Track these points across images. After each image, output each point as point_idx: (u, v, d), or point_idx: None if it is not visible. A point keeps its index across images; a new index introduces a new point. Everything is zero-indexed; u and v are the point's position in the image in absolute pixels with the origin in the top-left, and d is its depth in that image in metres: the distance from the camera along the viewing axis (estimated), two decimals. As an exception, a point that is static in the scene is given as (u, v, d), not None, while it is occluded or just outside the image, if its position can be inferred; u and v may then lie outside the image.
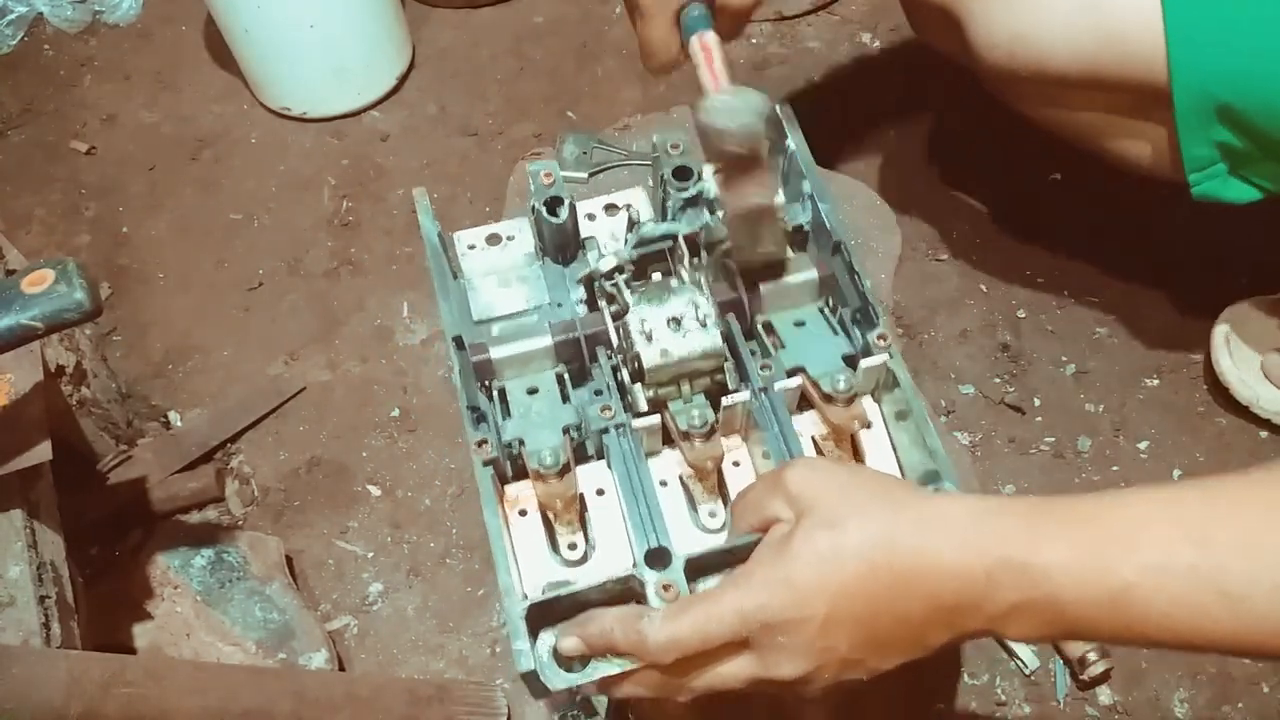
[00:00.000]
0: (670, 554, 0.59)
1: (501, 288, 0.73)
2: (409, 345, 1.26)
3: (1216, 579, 0.47)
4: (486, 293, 0.73)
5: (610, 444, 0.64)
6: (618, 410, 0.65)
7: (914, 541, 0.51)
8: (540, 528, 0.64)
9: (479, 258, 0.75)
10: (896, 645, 0.53)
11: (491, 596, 1.08)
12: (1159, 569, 0.48)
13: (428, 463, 1.17)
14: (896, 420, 0.67)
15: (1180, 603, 0.48)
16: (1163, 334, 1.17)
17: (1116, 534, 0.50)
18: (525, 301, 0.73)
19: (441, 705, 0.94)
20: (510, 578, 0.59)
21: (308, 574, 1.11)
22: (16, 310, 0.71)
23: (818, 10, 1.51)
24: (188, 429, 1.20)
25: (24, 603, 0.81)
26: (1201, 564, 0.48)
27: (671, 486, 0.67)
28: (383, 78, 1.47)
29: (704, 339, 0.65)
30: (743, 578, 0.54)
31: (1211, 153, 0.85)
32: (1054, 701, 0.98)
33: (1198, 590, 0.48)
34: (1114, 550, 0.49)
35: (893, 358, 0.66)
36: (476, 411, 0.65)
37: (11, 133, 1.50)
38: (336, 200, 1.39)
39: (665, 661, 0.55)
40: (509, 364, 0.69)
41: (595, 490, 0.65)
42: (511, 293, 0.73)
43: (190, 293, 1.33)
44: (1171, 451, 1.10)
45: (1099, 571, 0.49)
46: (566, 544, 0.63)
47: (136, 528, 1.11)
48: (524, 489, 0.65)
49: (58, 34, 1.61)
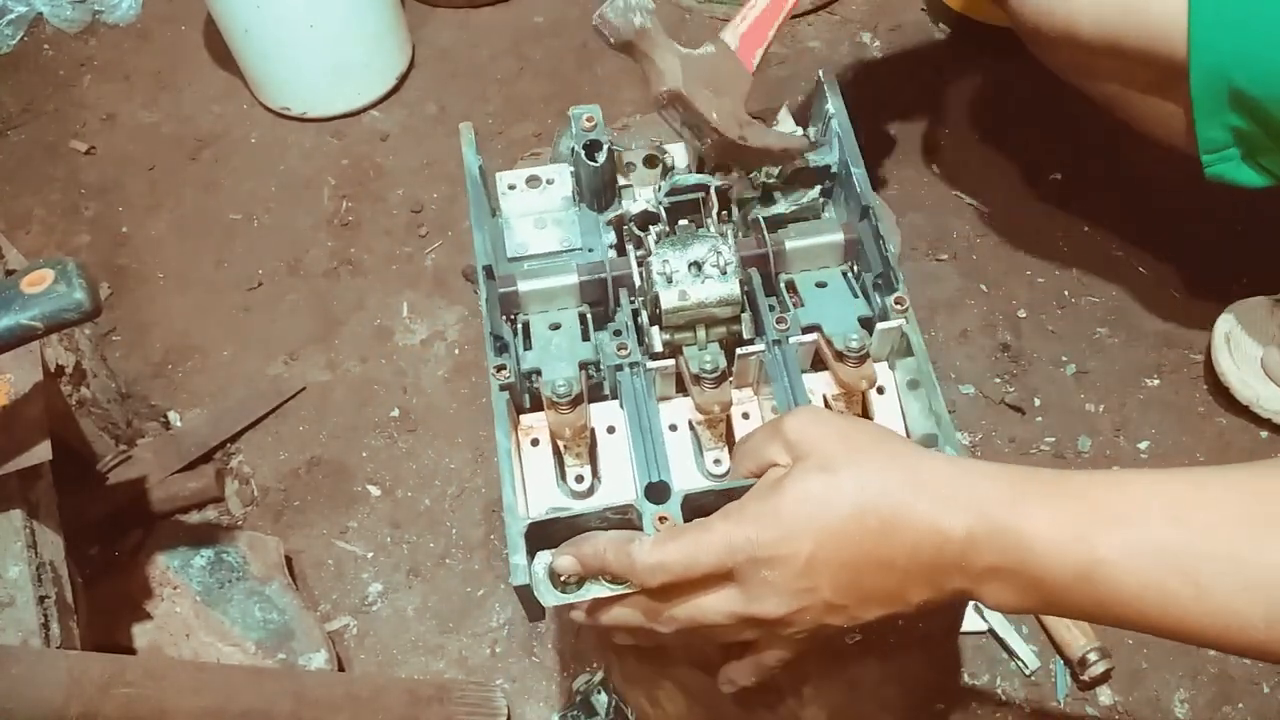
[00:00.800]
0: (669, 489, 0.60)
1: (537, 229, 0.76)
2: (409, 345, 1.26)
3: (1186, 565, 0.47)
4: (522, 232, 0.75)
5: (623, 380, 0.66)
6: (633, 349, 0.67)
7: (902, 494, 0.52)
8: (550, 458, 0.66)
9: (518, 199, 0.77)
10: (878, 595, 0.53)
11: (491, 597, 1.08)
12: (1132, 548, 0.48)
13: (427, 463, 1.17)
14: (908, 388, 0.68)
15: (1150, 585, 0.48)
16: (1163, 334, 1.17)
17: (1098, 509, 0.50)
18: (559, 243, 0.75)
19: (441, 705, 0.94)
20: (514, 496, 0.61)
21: (307, 574, 1.11)
22: (16, 310, 0.71)
23: (818, 10, 1.51)
24: (187, 429, 1.20)
25: (23, 603, 0.81)
26: (1173, 547, 0.48)
27: (680, 432, 0.68)
28: (383, 77, 1.47)
29: (722, 286, 0.67)
30: (734, 510, 0.55)
31: (1225, 136, 0.86)
32: (1054, 702, 0.98)
33: (1167, 574, 0.47)
34: (1093, 524, 0.49)
35: (909, 323, 0.68)
36: (499, 340, 0.67)
37: (11, 132, 1.50)
38: (336, 200, 1.39)
39: (652, 584, 0.55)
40: (534, 298, 0.72)
41: (606, 427, 0.67)
42: (546, 234, 0.75)
43: (190, 293, 1.33)
44: (1172, 451, 1.10)
45: (1075, 543, 0.49)
46: (574, 475, 0.65)
47: (136, 528, 1.11)
48: (539, 419, 0.67)
49: (57, 34, 1.61)
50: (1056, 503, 0.50)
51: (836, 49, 1.47)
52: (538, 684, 1.03)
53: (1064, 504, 0.50)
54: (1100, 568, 0.48)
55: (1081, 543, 0.49)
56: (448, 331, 1.26)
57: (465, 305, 1.28)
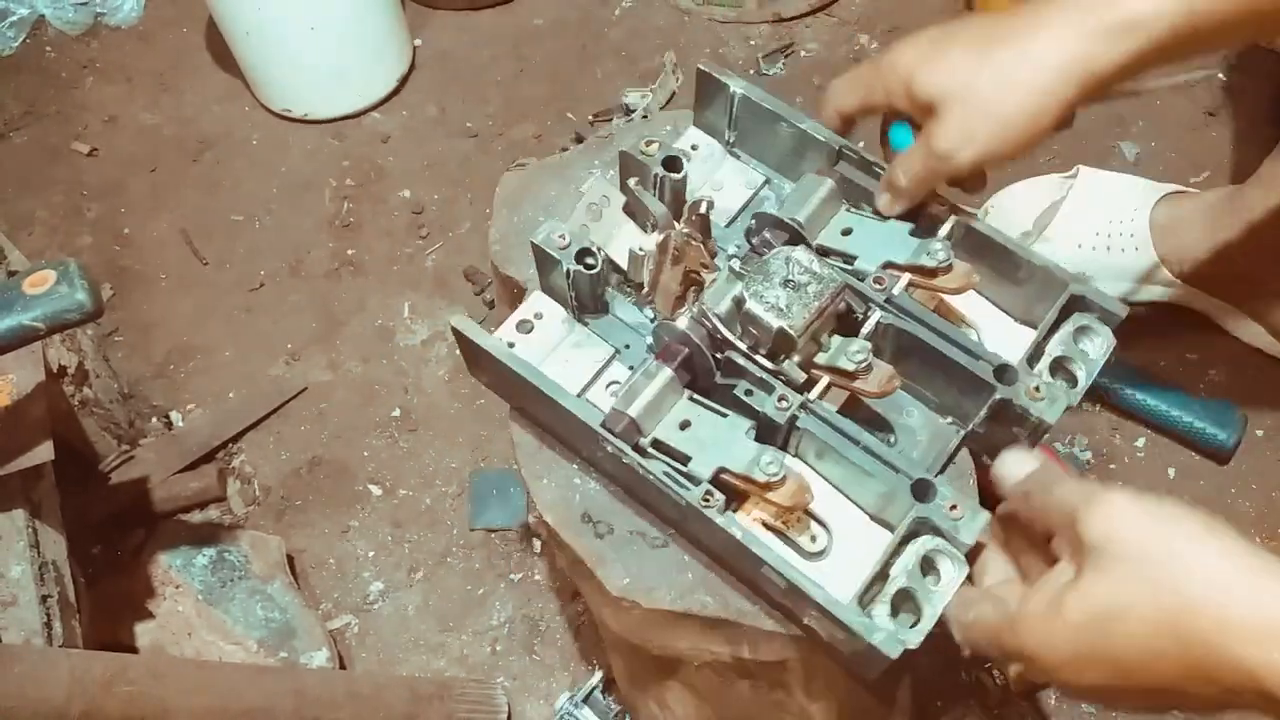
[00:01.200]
0: (930, 483, 0.59)
1: (565, 365, 0.70)
2: (410, 345, 1.26)
3: None
4: (556, 375, 0.68)
5: (807, 425, 0.63)
6: (791, 396, 0.63)
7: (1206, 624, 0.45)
8: (775, 539, 0.63)
9: (523, 350, 0.70)
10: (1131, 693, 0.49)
11: (491, 595, 1.08)
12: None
13: (428, 462, 1.17)
14: (979, 272, 0.67)
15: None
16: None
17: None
18: (595, 363, 0.70)
19: (442, 703, 0.94)
20: (821, 582, 0.58)
21: (309, 573, 1.11)
22: (18, 311, 0.72)
23: (816, 12, 1.51)
24: (189, 429, 1.20)
25: (26, 602, 0.81)
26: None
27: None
28: (383, 79, 1.47)
29: (824, 280, 0.64)
30: (1020, 619, 0.52)
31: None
32: (1052, 701, 0.98)
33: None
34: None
35: (959, 214, 0.68)
36: (671, 475, 0.62)
37: (13, 134, 1.51)
38: (337, 201, 1.39)
39: (956, 639, 0.57)
40: (647, 415, 0.65)
41: None
42: (577, 364, 0.70)
43: (192, 293, 1.33)
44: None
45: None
46: (807, 540, 0.63)
47: (138, 527, 1.11)
48: (737, 519, 0.63)
49: (59, 36, 1.61)
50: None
51: (834, 51, 1.47)
52: (538, 682, 1.04)
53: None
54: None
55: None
56: (449, 332, 1.26)
57: (466, 306, 1.28)
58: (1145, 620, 0.46)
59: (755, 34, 1.49)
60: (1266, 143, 1.22)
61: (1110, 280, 1.14)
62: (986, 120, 0.61)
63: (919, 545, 0.58)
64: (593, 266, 0.68)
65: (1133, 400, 1.11)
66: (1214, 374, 1.15)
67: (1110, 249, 1.13)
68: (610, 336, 0.71)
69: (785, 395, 0.63)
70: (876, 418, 0.68)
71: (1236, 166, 1.30)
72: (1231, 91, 1.36)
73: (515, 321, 0.72)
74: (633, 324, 0.72)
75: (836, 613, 0.56)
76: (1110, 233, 1.13)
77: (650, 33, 1.52)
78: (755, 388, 0.64)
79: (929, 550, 0.58)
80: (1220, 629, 0.44)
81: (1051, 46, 0.59)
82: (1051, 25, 0.60)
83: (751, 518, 0.63)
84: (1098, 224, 1.14)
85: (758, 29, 1.50)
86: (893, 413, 0.68)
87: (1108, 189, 1.16)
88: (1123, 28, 0.58)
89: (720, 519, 0.59)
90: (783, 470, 0.59)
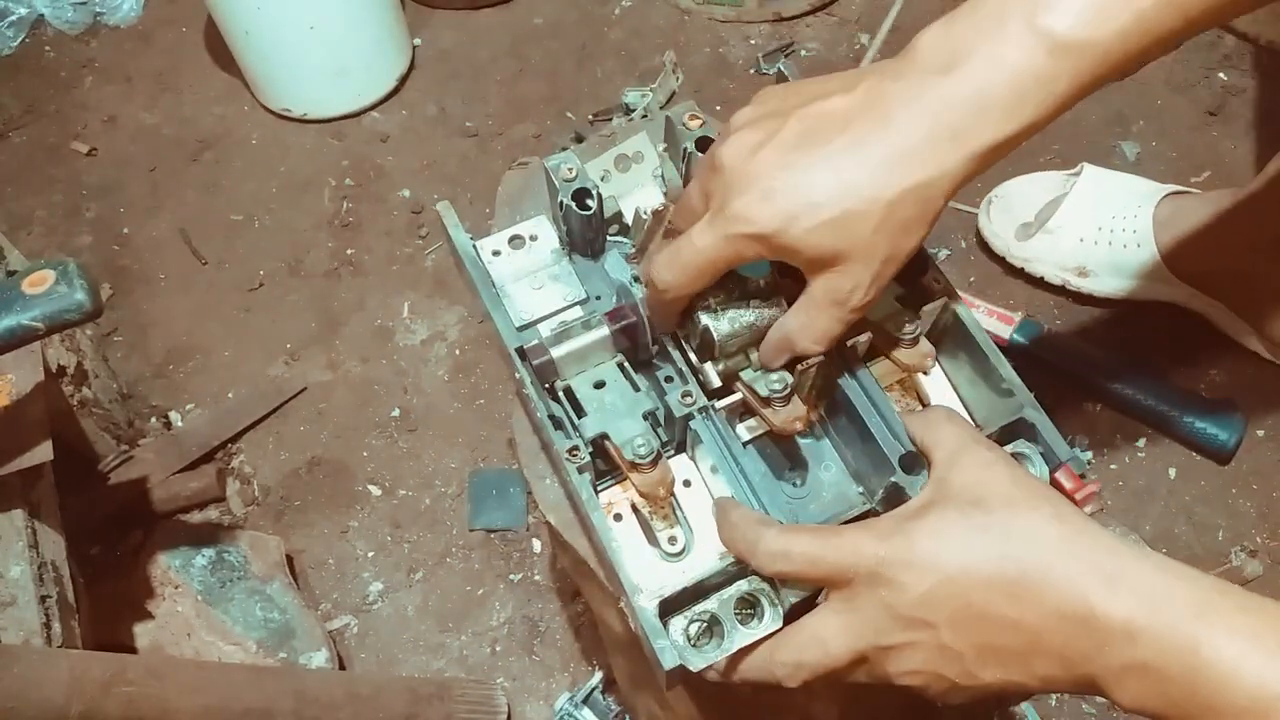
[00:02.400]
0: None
1: (535, 289, 0.72)
2: (409, 345, 1.26)
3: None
4: (520, 297, 0.72)
5: (699, 429, 0.63)
6: (697, 394, 0.63)
7: (1056, 555, 0.47)
8: (637, 529, 0.64)
9: (505, 263, 0.73)
10: (1000, 655, 0.49)
11: (491, 596, 1.08)
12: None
13: (428, 462, 1.17)
14: (954, 361, 0.67)
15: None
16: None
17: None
18: (562, 299, 0.71)
19: (442, 704, 0.94)
20: (635, 580, 0.58)
21: (308, 573, 1.11)
22: (17, 311, 0.72)
23: (816, 11, 1.51)
24: (189, 429, 1.20)
25: (25, 602, 0.81)
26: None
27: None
28: (383, 79, 1.47)
29: (775, 303, 0.63)
30: (870, 525, 0.52)
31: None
32: (1051, 701, 0.98)
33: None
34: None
35: (952, 299, 0.65)
36: (556, 419, 0.64)
37: (13, 134, 1.51)
38: (337, 201, 1.39)
39: (768, 570, 0.53)
40: (569, 361, 0.67)
41: (682, 482, 0.65)
42: (546, 293, 0.72)
43: (191, 293, 1.33)
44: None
45: (1264, 672, 0.42)
46: (666, 538, 0.63)
47: (137, 527, 1.11)
48: (614, 494, 0.65)
49: (59, 36, 1.61)
50: (1255, 621, 0.43)
51: (835, 49, 1.47)
52: (538, 682, 1.04)
53: (1263, 624, 0.43)
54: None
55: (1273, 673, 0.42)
56: (448, 332, 1.26)
57: (465, 306, 1.28)
58: (1001, 527, 0.48)
59: (755, 33, 1.49)
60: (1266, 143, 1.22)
61: (1110, 276, 1.14)
62: (893, 255, 0.53)
63: (747, 583, 0.58)
64: (588, 209, 0.69)
65: (1133, 400, 1.11)
66: (1214, 374, 1.15)
67: (1112, 244, 1.13)
68: (588, 281, 0.72)
69: (691, 392, 0.63)
70: (797, 455, 0.67)
71: (1236, 166, 1.30)
72: (1231, 91, 1.36)
73: (509, 235, 0.74)
74: (614, 279, 0.72)
75: (633, 600, 0.57)
76: (1113, 228, 1.13)
77: (650, 32, 1.52)
78: (675, 376, 0.65)
79: (755, 590, 0.58)
80: (1071, 556, 0.47)
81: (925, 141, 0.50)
82: (920, 102, 0.50)
83: (627, 496, 0.64)
84: (1100, 219, 1.14)
85: (758, 28, 1.50)
86: (813, 458, 0.67)
87: (1112, 186, 1.16)
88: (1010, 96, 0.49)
89: (575, 476, 0.60)
90: (652, 455, 0.61)
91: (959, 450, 0.53)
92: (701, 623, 0.58)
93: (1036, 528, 0.48)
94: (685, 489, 0.65)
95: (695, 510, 0.64)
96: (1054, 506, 0.49)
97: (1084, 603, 0.46)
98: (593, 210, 0.69)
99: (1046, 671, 0.48)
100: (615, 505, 0.64)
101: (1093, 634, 0.46)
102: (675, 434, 0.66)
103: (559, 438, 0.63)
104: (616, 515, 0.64)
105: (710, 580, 0.58)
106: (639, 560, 0.62)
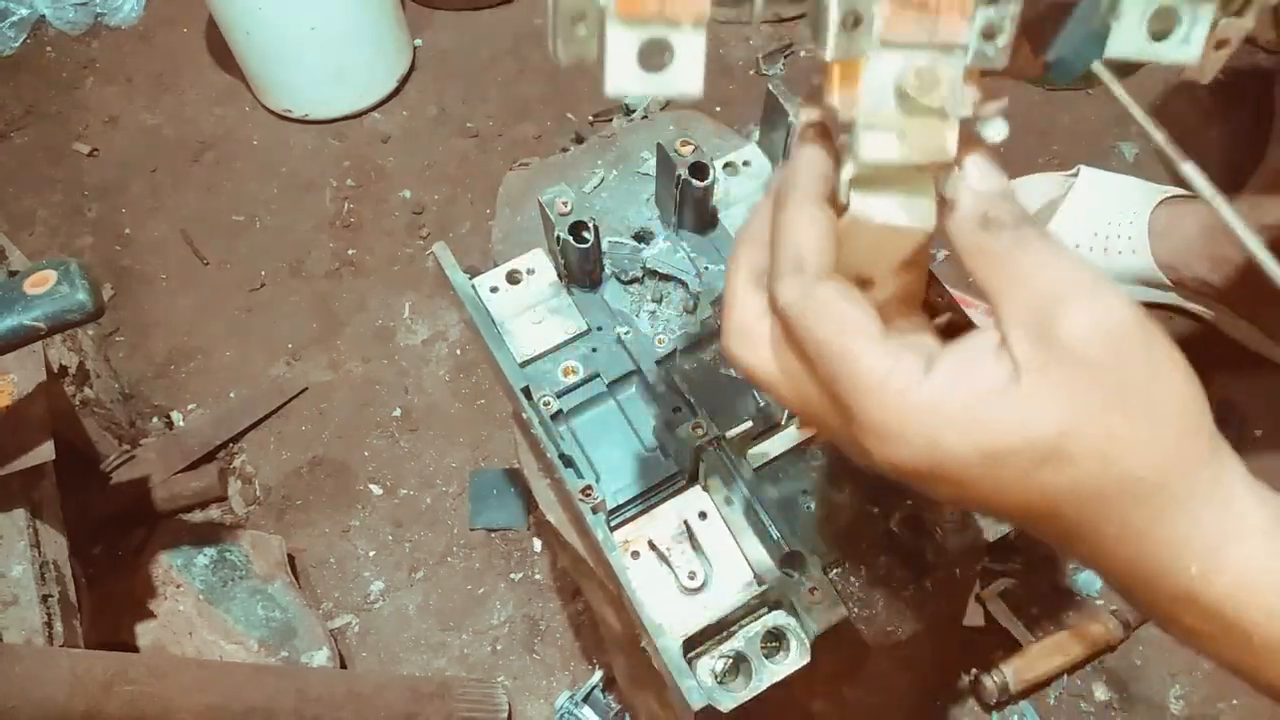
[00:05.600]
0: (802, 556, 0.58)
1: (535, 324, 0.71)
2: (410, 345, 1.26)
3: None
4: (521, 333, 0.71)
5: (709, 459, 0.63)
6: (708, 425, 0.63)
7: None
8: (656, 565, 0.64)
9: (504, 299, 0.73)
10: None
11: (492, 595, 1.09)
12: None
13: (429, 462, 1.17)
14: None
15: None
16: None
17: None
18: (563, 333, 0.71)
19: (443, 702, 0.94)
20: (657, 619, 0.57)
21: (309, 573, 1.12)
22: (19, 311, 0.72)
23: (817, 11, 1.51)
24: (190, 429, 1.20)
25: (27, 601, 0.81)
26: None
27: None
28: (384, 79, 1.47)
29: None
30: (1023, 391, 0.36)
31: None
32: (1050, 700, 0.98)
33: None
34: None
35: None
36: (568, 459, 0.63)
37: (14, 134, 1.51)
38: (338, 201, 1.39)
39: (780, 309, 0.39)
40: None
41: (698, 514, 0.65)
42: (546, 326, 0.71)
43: (192, 293, 1.33)
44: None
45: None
46: (685, 573, 0.62)
47: (139, 527, 1.11)
48: (631, 531, 0.64)
49: (60, 36, 1.61)
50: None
51: (835, 50, 1.47)
52: (539, 681, 1.04)
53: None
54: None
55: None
56: (449, 332, 1.26)
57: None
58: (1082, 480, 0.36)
59: (755, 33, 1.50)
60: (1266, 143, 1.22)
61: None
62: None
63: (772, 617, 0.58)
64: (585, 241, 0.69)
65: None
66: (1213, 375, 1.15)
67: (1108, 250, 1.13)
68: (588, 313, 0.72)
69: (702, 424, 0.63)
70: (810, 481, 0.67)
71: (1236, 167, 1.30)
72: (1231, 92, 1.36)
73: (506, 270, 0.74)
74: (614, 309, 0.72)
75: (656, 640, 0.55)
76: (1109, 235, 1.13)
77: (650, 33, 1.52)
78: (684, 408, 0.67)
79: (780, 625, 0.57)
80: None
81: None
82: None
83: (642, 534, 0.64)
84: (1096, 225, 1.14)
85: (757, 29, 1.50)
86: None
87: (1108, 190, 1.16)
88: None
89: (590, 517, 0.60)
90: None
91: (1098, 315, 0.37)
92: (727, 659, 0.57)
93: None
94: (701, 521, 0.64)
95: (712, 542, 0.64)
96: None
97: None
98: (590, 242, 0.69)
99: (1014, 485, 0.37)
100: (632, 543, 0.64)
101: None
102: (688, 466, 0.65)
103: (570, 476, 0.62)
104: (634, 553, 0.64)
105: (732, 616, 0.57)
106: (659, 597, 0.62)
